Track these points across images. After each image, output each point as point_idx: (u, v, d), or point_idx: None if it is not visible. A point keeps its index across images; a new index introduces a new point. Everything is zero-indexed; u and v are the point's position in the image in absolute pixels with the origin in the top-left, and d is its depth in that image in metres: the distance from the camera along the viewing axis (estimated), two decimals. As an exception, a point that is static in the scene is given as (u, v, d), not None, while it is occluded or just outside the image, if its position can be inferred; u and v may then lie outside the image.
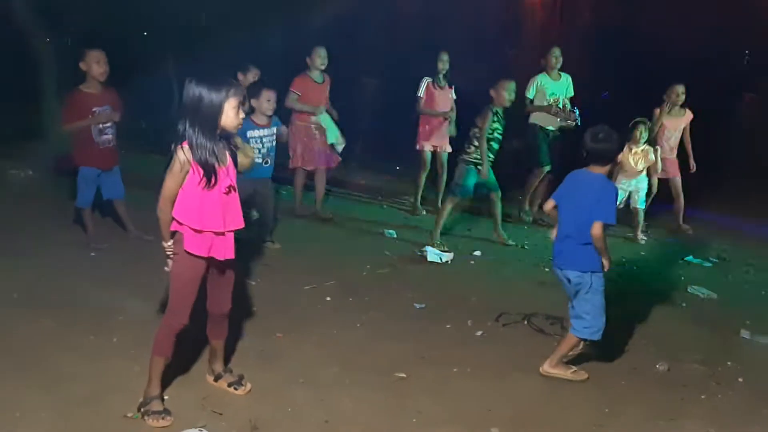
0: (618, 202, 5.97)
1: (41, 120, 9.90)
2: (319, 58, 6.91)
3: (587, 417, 3.55)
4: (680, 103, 7.45)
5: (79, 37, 9.86)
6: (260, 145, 5.65)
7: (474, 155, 6.30)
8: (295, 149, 6.99)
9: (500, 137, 6.35)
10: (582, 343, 3.99)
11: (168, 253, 3.19)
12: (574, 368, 3.99)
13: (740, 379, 4.10)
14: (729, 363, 4.30)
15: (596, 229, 3.72)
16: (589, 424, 3.48)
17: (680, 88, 7.41)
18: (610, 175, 4.39)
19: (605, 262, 3.86)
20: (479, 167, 6.29)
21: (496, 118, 6.29)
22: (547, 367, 3.95)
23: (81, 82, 5.48)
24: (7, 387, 3.33)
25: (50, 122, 9.91)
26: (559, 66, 7.44)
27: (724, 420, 3.61)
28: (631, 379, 4.00)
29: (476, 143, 6.27)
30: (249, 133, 5.56)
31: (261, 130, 5.66)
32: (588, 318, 3.85)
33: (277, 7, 10.39)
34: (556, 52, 7.41)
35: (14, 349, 3.72)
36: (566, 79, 7.52)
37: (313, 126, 6.94)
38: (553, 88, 7.42)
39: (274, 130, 5.77)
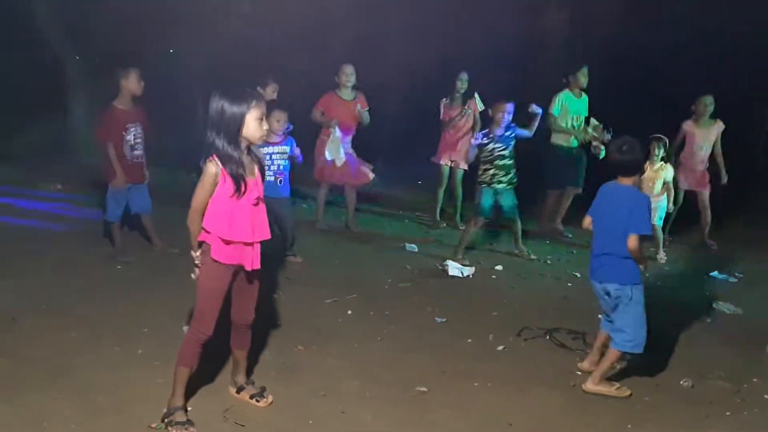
0: None
1: (69, 135, 10.13)
2: (345, 75, 6.97)
3: (609, 433, 3.52)
4: (709, 114, 7.38)
5: (108, 55, 10.06)
6: (270, 162, 5.72)
7: (482, 177, 6.39)
8: (317, 163, 7.06)
9: (504, 154, 6.30)
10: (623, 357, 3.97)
11: (196, 262, 3.25)
12: (618, 384, 3.96)
13: (766, 396, 4.04)
14: (755, 379, 4.24)
15: (632, 242, 3.72)
16: (611, 440, 3.46)
17: (708, 99, 7.35)
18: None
19: (641, 266, 3.86)
20: (492, 187, 6.34)
21: (488, 141, 6.33)
22: (590, 385, 3.91)
23: (111, 99, 5.62)
24: (36, 397, 3.39)
25: (78, 137, 10.15)
26: (584, 85, 7.43)
27: (749, 437, 3.57)
28: (654, 395, 3.96)
29: (488, 167, 6.35)
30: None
31: (272, 147, 5.73)
32: (629, 331, 3.84)
33: (302, 26, 10.52)
34: (585, 70, 7.38)
35: (42, 360, 3.78)
36: (585, 98, 7.52)
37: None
38: (576, 106, 7.44)
39: (287, 149, 5.83)
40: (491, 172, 6.35)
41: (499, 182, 6.35)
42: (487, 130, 6.45)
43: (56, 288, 4.85)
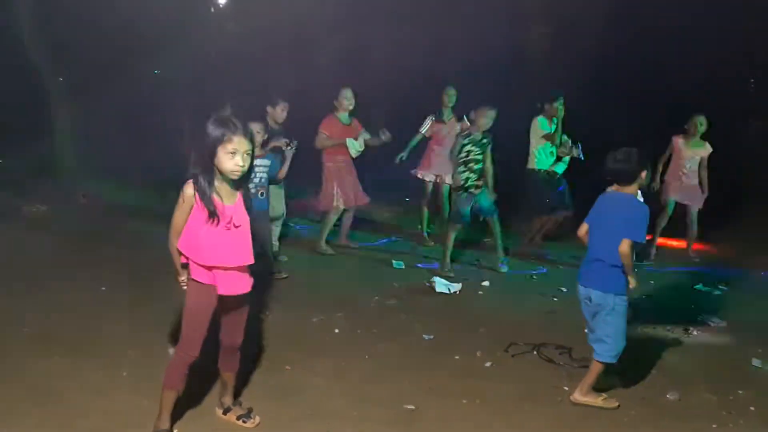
0: None
1: (54, 156, 10.08)
2: (346, 99, 6.99)
3: (597, 448, 3.53)
4: (700, 134, 7.46)
5: (92, 74, 10.06)
6: (252, 175, 5.70)
7: (462, 182, 6.51)
8: (326, 190, 7.07)
9: (478, 158, 6.46)
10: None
11: (183, 287, 3.24)
12: (605, 395, 3.98)
13: (752, 408, 4.06)
14: (740, 392, 4.26)
15: (624, 246, 3.75)
16: (599, 455, 3.47)
17: (700, 119, 7.43)
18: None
19: (632, 281, 3.87)
20: (470, 191, 6.48)
21: (467, 141, 6.47)
22: (577, 396, 3.96)
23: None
24: (20, 423, 3.35)
25: (63, 158, 10.11)
26: (560, 115, 7.33)
27: (736, 450, 3.58)
28: (641, 408, 3.97)
29: (463, 170, 6.48)
30: None
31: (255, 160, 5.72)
32: (610, 342, 3.86)
33: (286, 42, 10.58)
34: (561, 101, 7.27)
35: (28, 385, 3.73)
36: (556, 127, 7.43)
37: (344, 165, 7.04)
38: (549, 132, 7.39)
39: (268, 162, 5.84)
40: (465, 175, 6.47)
41: (476, 186, 6.47)
42: (467, 131, 6.57)
43: (40, 312, 4.80)
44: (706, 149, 7.51)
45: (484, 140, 6.50)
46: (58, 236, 6.94)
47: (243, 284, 3.26)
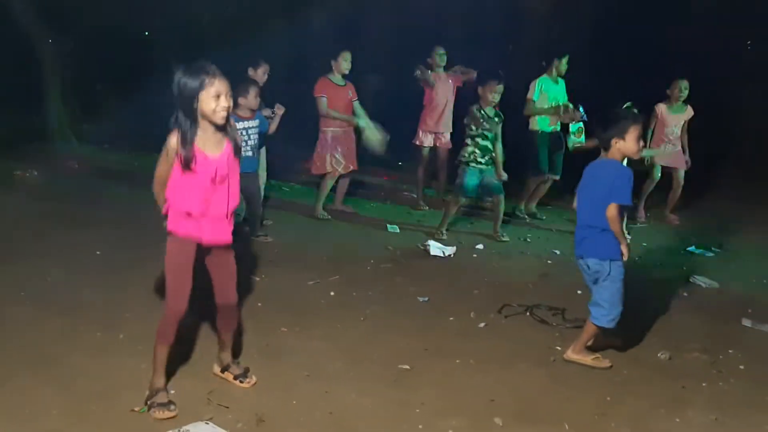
0: None
1: (45, 121, 10.00)
2: (345, 62, 6.89)
3: (589, 406, 3.58)
4: (683, 98, 7.47)
5: (82, 39, 9.94)
6: (246, 137, 5.71)
7: (467, 156, 6.37)
8: (321, 156, 7.00)
9: (486, 134, 6.32)
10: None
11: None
12: (597, 355, 4.04)
13: (742, 367, 4.12)
14: (730, 351, 4.33)
15: (611, 210, 3.77)
16: (591, 413, 3.51)
17: (683, 84, 7.43)
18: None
19: (623, 249, 3.88)
20: (474, 166, 6.36)
21: (481, 115, 6.33)
22: (570, 353, 4.03)
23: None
24: (19, 385, 3.38)
25: (54, 123, 10.03)
26: (563, 73, 7.38)
27: (726, 408, 3.63)
28: (633, 368, 4.03)
29: (469, 143, 6.36)
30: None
31: (246, 122, 5.72)
32: (606, 306, 3.91)
33: (282, 6, 10.44)
34: (566, 59, 7.31)
35: (24, 348, 3.76)
36: (563, 84, 7.47)
37: (340, 130, 6.95)
38: (554, 92, 7.36)
39: (258, 122, 5.82)
40: (470, 149, 6.37)
41: (478, 162, 6.36)
42: (478, 105, 6.36)
43: (36, 275, 4.81)
44: (688, 113, 7.54)
45: (496, 118, 6.34)
46: (51, 201, 6.92)
47: (225, 232, 3.27)
